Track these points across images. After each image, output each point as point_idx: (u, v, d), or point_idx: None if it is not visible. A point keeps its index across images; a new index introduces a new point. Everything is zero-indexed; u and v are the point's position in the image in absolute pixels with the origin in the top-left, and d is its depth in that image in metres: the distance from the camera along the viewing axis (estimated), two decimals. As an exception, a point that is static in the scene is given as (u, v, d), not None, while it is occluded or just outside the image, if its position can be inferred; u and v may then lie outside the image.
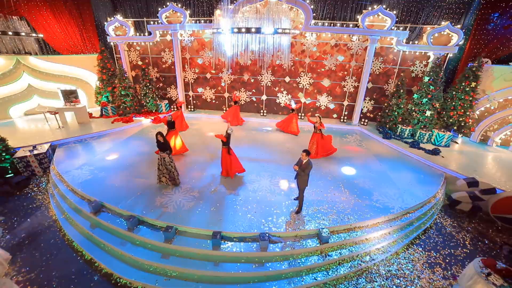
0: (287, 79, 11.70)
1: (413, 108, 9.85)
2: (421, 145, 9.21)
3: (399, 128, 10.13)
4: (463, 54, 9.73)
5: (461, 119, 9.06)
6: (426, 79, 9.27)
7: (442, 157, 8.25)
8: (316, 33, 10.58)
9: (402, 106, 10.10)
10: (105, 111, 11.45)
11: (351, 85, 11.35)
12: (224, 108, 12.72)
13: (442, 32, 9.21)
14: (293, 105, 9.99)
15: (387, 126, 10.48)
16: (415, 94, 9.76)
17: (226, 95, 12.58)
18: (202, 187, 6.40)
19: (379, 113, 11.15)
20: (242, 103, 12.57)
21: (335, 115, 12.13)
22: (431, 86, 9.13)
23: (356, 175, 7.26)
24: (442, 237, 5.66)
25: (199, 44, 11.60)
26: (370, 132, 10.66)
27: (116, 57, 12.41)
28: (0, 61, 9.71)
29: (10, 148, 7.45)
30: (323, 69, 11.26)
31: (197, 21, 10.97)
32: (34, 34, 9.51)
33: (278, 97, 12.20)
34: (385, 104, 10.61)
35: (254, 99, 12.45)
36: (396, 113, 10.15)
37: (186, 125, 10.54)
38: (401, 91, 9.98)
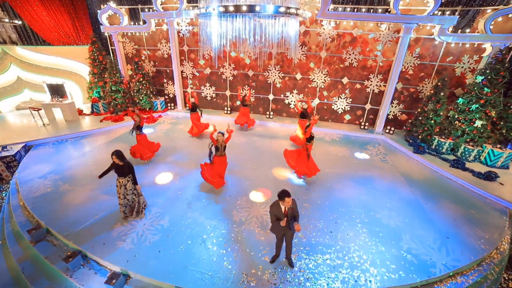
0: (299, 76, 10.00)
1: (456, 116, 7.75)
2: (467, 164, 7.15)
3: (436, 141, 8.08)
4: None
5: (529, 133, 6.85)
6: (479, 79, 7.11)
7: (501, 184, 6.18)
8: (335, 21, 8.73)
9: (441, 113, 8.02)
10: (96, 108, 10.54)
11: (376, 85, 9.38)
12: (226, 108, 11.30)
13: (510, 15, 6.90)
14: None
15: (420, 136, 8.45)
16: (460, 98, 7.64)
17: (228, 93, 11.15)
18: (175, 213, 5.05)
19: (410, 120, 9.11)
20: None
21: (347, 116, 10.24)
22: (485, 89, 6.98)
23: (378, 204, 5.51)
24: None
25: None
26: (397, 143, 8.70)
27: (112, 48, 11.45)
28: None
29: (-27, 150, 6.64)
30: (341, 65, 9.40)
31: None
32: (7, 20, 8.59)
33: (287, 96, 10.55)
34: (419, 110, 8.56)
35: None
36: (432, 121, 8.10)
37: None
38: (441, 94, 7.90)
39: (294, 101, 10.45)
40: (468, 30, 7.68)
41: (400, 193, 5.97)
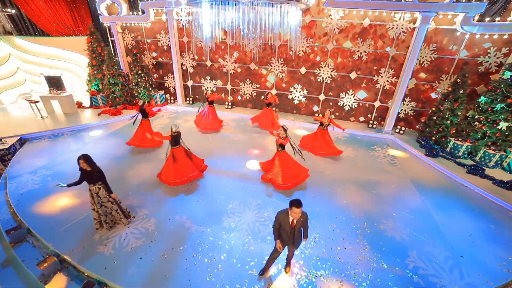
0: (303, 70, 9.39)
1: (476, 116, 7.01)
2: (486, 171, 6.46)
3: (451, 143, 7.38)
4: None
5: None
6: (508, 74, 6.31)
7: (525, 196, 5.52)
8: (343, 10, 8.02)
9: (459, 113, 7.29)
10: (94, 101, 10.36)
11: (387, 80, 8.66)
12: (227, 104, 10.88)
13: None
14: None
15: (433, 138, 7.76)
16: (482, 97, 6.88)
17: (229, 87, 10.68)
18: (162, 216, 4.76)
19: (423, 120, 8.39)
20: (248, 98, 10.63)
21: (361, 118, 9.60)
22: (513, 86, 6.21)
23: (383, 213, 5.01)
24: None
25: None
26: (408, 145, 8.04)
27: (111, 40, 11.15)
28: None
29: (-33, 142, 6.57)
30: (349, 59, 8.71)
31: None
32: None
33: (291, 92, 9.98)
34: (433, 109, 7.83)
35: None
36: (448, 121, 7.39)
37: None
38: (460, 91, 7.15)
39: (298, 96, 9.91)
40: (498, 19, 6.79)
41: (408, 201, 5.43)
